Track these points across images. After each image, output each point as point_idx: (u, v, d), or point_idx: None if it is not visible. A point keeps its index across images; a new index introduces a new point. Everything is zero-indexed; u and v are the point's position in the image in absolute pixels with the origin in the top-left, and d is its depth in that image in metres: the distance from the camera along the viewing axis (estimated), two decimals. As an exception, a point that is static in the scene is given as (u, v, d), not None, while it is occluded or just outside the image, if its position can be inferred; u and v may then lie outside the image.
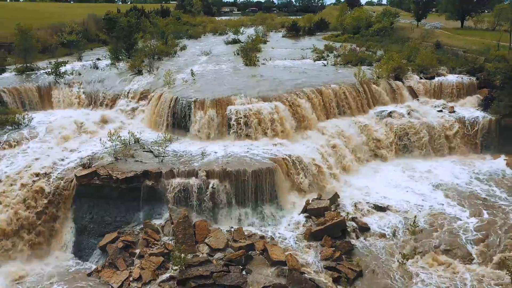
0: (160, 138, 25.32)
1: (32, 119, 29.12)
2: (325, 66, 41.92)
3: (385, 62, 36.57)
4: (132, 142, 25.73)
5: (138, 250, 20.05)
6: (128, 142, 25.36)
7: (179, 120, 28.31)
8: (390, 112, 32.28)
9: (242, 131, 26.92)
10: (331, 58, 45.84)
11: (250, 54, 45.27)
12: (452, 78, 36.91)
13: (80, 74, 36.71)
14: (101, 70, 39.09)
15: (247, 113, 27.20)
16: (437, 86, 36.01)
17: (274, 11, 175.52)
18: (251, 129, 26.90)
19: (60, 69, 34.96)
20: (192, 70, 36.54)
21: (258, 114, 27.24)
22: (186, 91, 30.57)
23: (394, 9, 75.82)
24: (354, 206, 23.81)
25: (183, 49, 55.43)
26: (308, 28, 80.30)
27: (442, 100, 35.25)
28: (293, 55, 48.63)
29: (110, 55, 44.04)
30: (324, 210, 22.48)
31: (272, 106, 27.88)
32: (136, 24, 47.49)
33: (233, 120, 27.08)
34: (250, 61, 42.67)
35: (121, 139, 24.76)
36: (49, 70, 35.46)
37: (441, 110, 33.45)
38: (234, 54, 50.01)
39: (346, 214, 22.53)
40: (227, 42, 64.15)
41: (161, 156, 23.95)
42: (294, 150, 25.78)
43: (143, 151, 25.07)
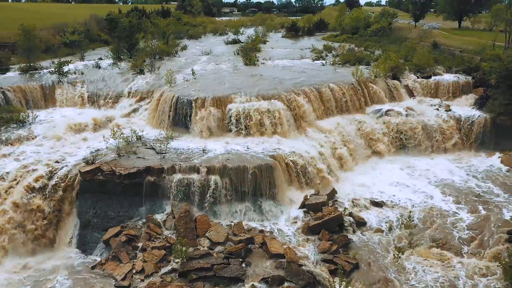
0: (161, 136, 25.96)
1: (36, 117, 29.70)
2: (323, 65, 42.54)
3: (382, 62, 37.21)
4: (134, 140, 26.25)
5: (140, 244, 20.48)
6: (130, 140, 25.92)
7: (180, 118, 28.83)
8: (387, 110, 32.87)
9: (242, 129, 27.47)
10: (330, 58, 46.50)
11: (250, 54, 45.93)
12: (448, 77, 37.55)
13: (83, 74, 37.31)
14: (103, 69, 39.74)
15: (247, 111, 27.74)
16: (433, 85, 36.63)
17: (274, 12, 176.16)
18: (251, 127, 27.47)
19: (63, 68, 35.56)
20: (193, 70, 37.12)
21: (257, 112, 27.79)
22: (187, 90, 31.11)
23: (392, 9, 76.49)
24: (351, 201, 24.34)
25: (184, 49, 56.10)
26: (307, 28, 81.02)
27: (439, 99, 35.89)
28: (292, 55, 49.28)
29: (112, 55, 44.62)
30: (321, 205, 22.98)
31: (271, 104, 28.42)
32: (137, 24, 48.10)
33: (233, 118, 27.65)
34: (250, 60, 43.28)
35: (123, 136, 25.33)
36: (52, 70, 36.08)
37: (437, 109, 34.02)
38: (234, 54, 50.66)
39: (343, 209, 22.98)
40: (227, 42, 64.83)
41: (163, 153, 24.45)
42: (293, 147, 26.29)
43: (145, 148, 25.53)
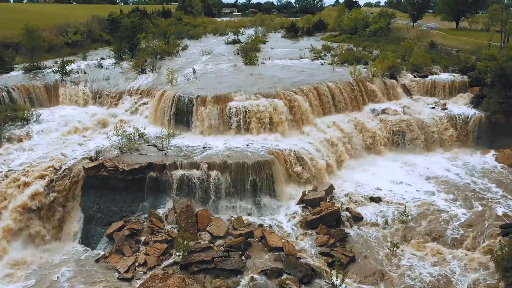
0: (163, 133, 26.51)
1: (40, 115, 30.23)
2: (322, 65, 43.07)
3: (380, 61, 37.71)
4: (136, 137, 26.79)
5: (143, 238, 20.99)
6: (133, 137, 26.48)
7: (182, 116, 29.33)
8: (385, 109, 33.40)
9: (242, 126, 28.01)
10: (328, 57, 47.04)
11: (249, 53, 46.46)
12: (445, 76, 38.10)
13: (85, 73, 37.88)
14: (105, 69, 40.31)
15: (247, 109, 28.28)
16: (430, 84, 37.14)
17: (274, 13, 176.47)
18: (251, 124, 28.00)
19: (66, 67, 36.09)
20: (193, 69, 37.67)
21: (257, 110, 28.33)
22: (188, 89, 31.64)
23: (390, 10, 77.03)
24: (349, 197, 24.89)
25: (185, 49, 56.69)
26: (306, 28, 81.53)
27: (435, 97, 36.38)
28: (291, 55, 49.80)
29: (114, 55, 45.16)
30: (319, 200, 23.53)
31: (270, 102, 28.95)
32: (139, 24, 48.68)
33: (233, 115, 28.19)
34: (250, 60, 43.85)
35: (126, 134, 25.91)
36: (55, 69, 36.61)
37: (433, 107, 34.54)
38: (234, 54, 51.22)
39: (341, 205, 23.50)
40: (228, 42, 65.41)
41: (164, 149, 24.99)
42: (292, 144, 26.83)
43: (147, 145, 26.06)
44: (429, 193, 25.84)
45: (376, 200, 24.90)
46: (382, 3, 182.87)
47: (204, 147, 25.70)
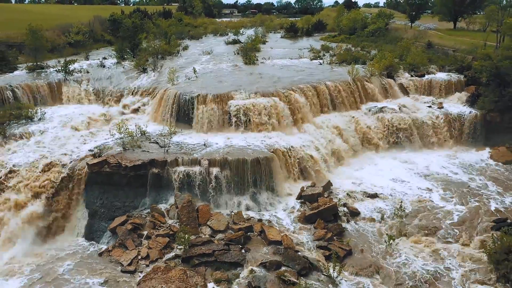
0: (164, 131, 27.04)
1: (44, 113, 30.84)
2: (321, 65, 43.65)
3: (377, 61, 38.27)
4: (138, 134, 27.33)
5: (145, 232, 21.52)
6: (135, 134, 27.02)
7: (183, 114, 29.88)
8: (382, 107, 33.95)
9: (242, 124, 28.55)
10: (327, 57, 47.61)
11: (249, 53, 47.04)
12: (441, 76, 38.69)
13: (88, 72, 38.46)
14: (107, 68, 40.87)
15: (247, 107, 28.84)
16: (427, 84, 37.75)
17: (274, 13, 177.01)
18: (250, 122, 28.57)
19: (69, 67, 36.68)
20: (194, 68, 38.21)
21: (256, 109, 28.89)
22: (189, 87, 32.19)
23: (389, 11, 77.64)
24: (346, 193, 25.43)
25: (185, 49, 57.31)
26: (306, 29, 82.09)
27: (432, 96, 37.03)
28: (290, 55, 50.41)
29: (115, 54, 45.69)
30: (317, 196, 24.04)
31: (270, 101, 29.51)
32: (140, 25, 49.26)
33: (233, 114, 28.75)
34: (250, 60, 44.43)
35: (128, 131, 26.45)
36: (58, 68, 37.16)
37: (430, 106, 35.11)
38: (234, 54, 51.79)
39: (338, 200, 24.09)
40: (228, 43, 66.01)
41: (166, 146, 25.51)
42: (290, 141, 27.39)
43: (149, 143, 26.60)
44: (425, 189, 26.34)
45: (372, 196, 25.42)
46: (381, 4, 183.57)
47: (204, 145, 26.22)
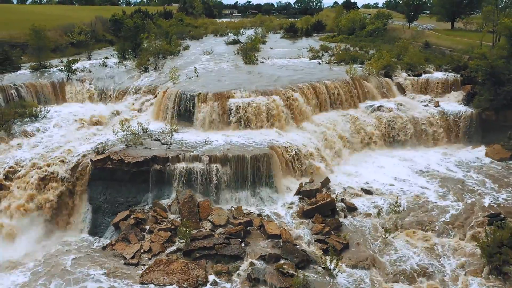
0: (166, 129, 27.61)
1: (48, 112, 31.40)
2: (319, 64, 44.26)
3: (375, 60, 38.87)
4: (141, 132, 27.88)
5: (148, 226, 22.08)
6: (137, 132, 27.57)
7: (184, 112, 30.42)
8: (379, 106, 34.52)
9: (242, 122, 29.10)
10: (326, 57, 48.24)
11: (249, 53, 47.61)
12: (438, 75, 39.25)
13: (90, 71, 39.02)
14: (109, 68, 41.43)
15: (246, 105, 29.41)
16: (424, 83, 38.33)
17: (273, 14, 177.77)
18: (250, 120, 29.14)
19: (72, 66, 37.23)
20: (195, 68, 38.85)
21: (256, 107, 29.43)
22: (190, 86, 32.74)
23: (387, 11, 78.32)
24: (343, 189, 26.03)
25: (186, 49, 58.00)
26: (305, 29, 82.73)
27: (428, 95, 37.58)
28: (290, 55, 51.05)
29: (117, 54, 46.24)
30: (315, 192, 24.61)
31: (269, 99, 30.08)
32: (141, 25, 49.86)
33: (233, 112, 29.28)
34: (250, 59, 45.03)
35: (131, 129, 27.02)
36: (61, 68, 37.72)
37: (427, 105, 35.68)
38: (235, 54, 52.39)
39: (336, 196, 24.62)
40: (228, 43, 66.65)
41: (168, 143, 26.09)
42: (290, 139, 27.94)
43: (151, 140, 27.14)
44: (421, 186, 26.87)
45: (369, 192, 26.02)
46: (381, 5, 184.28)
47: (205, 142, 26.77)
